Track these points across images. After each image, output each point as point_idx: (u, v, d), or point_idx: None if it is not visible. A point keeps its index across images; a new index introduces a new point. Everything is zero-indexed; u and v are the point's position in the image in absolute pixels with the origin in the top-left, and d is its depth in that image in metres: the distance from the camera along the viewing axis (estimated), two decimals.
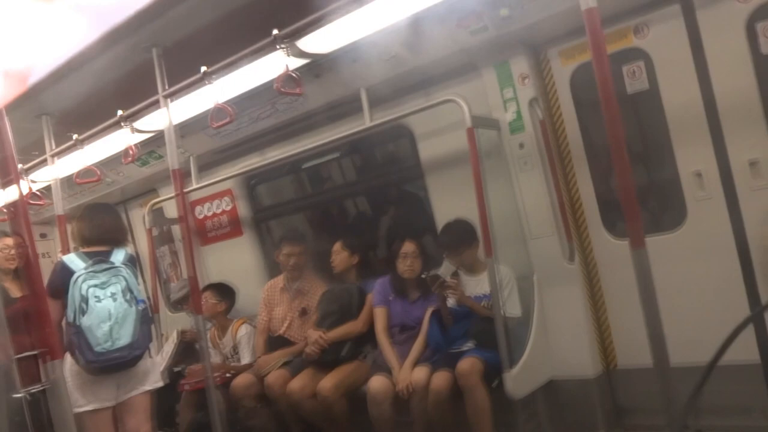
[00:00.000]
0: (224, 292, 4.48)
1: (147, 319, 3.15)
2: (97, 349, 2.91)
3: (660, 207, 3.20)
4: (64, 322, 3.02)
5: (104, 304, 2.97)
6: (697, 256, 2.95)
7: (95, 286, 2.99)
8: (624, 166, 2.26)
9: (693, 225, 2.99)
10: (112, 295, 3.00)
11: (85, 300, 2.95)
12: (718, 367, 2.53)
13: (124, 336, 2.97)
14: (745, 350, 2.64)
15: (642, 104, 3.13)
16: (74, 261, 3.07)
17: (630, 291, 2.33)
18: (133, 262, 3.24)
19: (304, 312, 4.09)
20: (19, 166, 4.49)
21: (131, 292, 3.06)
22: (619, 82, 3.03)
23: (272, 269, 4.63)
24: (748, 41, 2.74)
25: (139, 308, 3.07)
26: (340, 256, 3.95)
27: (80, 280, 2.98)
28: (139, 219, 5.26)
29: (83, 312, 2.94)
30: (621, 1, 2.92)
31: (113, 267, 3.08)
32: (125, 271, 3.09)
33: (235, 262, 4.82)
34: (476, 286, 3.41)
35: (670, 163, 3.02)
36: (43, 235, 6.07)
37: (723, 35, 2.79)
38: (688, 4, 2.87)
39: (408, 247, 3.58)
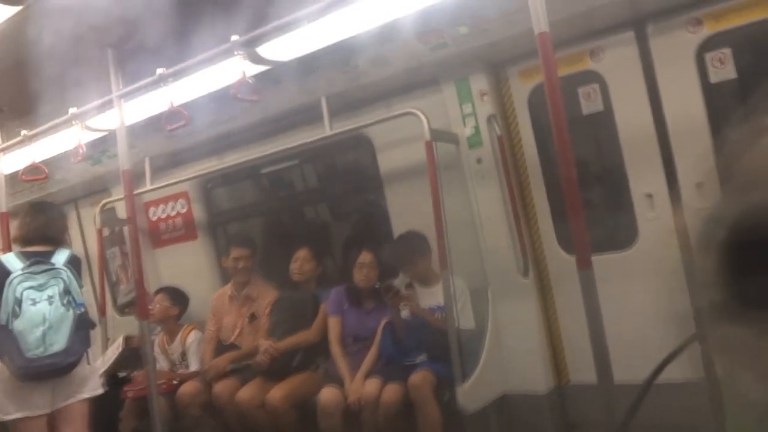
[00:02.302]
0: (177, 296, 4.38)
1: (85, 324, 3.02)
2: (28, 354, 2.79)
3: (612, 226, 3.27)
4: None
5: (39, 307, 2.85)
6: (648, 275, 3.02)
7: (32, 288, 2.87)
8: (573, 188, 2.31)
9: (643, 245, 3.06)
10: (49, 298, 2.88)
11: (18, 303, 2.83)
12: (663, 385, 2.59)
13: (59, 341, 2.84)
14: (691, 368, 2.72)
15: (597, 125, 3.20)
16: (12, 261, 2.95)
17: (582, 307, 2.37)
18: (75, 263, 3.10)
19: (253, 317, 4.03)
20: None
21: (69, 294, 2.94)
22: (575, 102, 3.10)
23: (226, 274, 4.54)
24: (698, 70, 2.84)
25: (77, 312, 2.95)
26: (309, 264, 3.88)
27: (16, 281, 2.86)
28: (89, 218, 5.09)
29: (16, 315, 2.82)
30: (577, 25, 2.98)
31: (53, 268, 2.96)
32: (65, 273, 2.97)
33: (188, 265, 4.72)
34: (430, 297, 3.42)
35: (622, 183, 3.09)
36: None
37: (674, 63, 2.89)
38: (642, 32, 2.96)
39: (365, 257, 3.57)
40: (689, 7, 2.83)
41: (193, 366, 4.11)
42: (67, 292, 2.94)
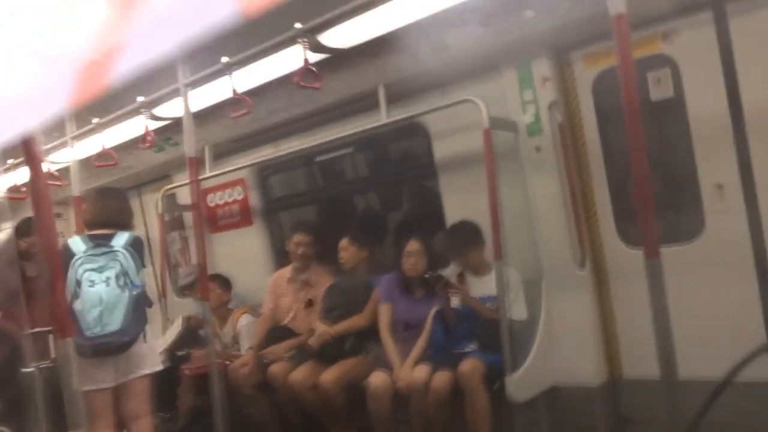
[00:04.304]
0: (226, 283, 4.51)
1: (141, 305, 3.13)
2: (87, 333, 2.94)
3: (677, 217, 3.15)
4: None
5: (96, 288, 2.98)
6: (712, 269, 2.89)
7: (92, 270, 3.01)
8: (643, 177, 2.22)
9: (710, 237, 2.93)
10: (107, 279, 3.01)
11: (78, 284, 2.98)
12: (734, 384, 2.48)
13: (114, 322, 2.97)
14: (759, 368, 2.59)
15: (665, 112, 3.08)
16: (77, 244, 3.10)
17: (640, 301, 2.29)
18: (137, 245, 3.21)
19: (310, 303, 4.08)
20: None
21: (126, 276, 3.06)
22: (643, 88, 2.97)
23: (280, 260, 4.63)
24: None
25: (134, 293, 3.05)
26: (348, 252, 3.93)
27: (78, 263, 3.01)
28: (152, 204, 5.29)
29: (77, 296, 2.96)
30: (650, 6, 2.86)
31: (111, 251, 3.08)
32: (122, 255, 3.08)
33: (243, 251, 4.82)
34: (482, 287, 3.38)
35: (691, 173, 2.96)
36: (58, 215, 6.11)
37: (755, 45, 2.72)
38: (721, 12, 2.80)
39: (413, 245, 3.56)
40: None
41: (245, 349, 4.17)
42: (123, 274, 3.05)
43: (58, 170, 4.98)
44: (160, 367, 3.33)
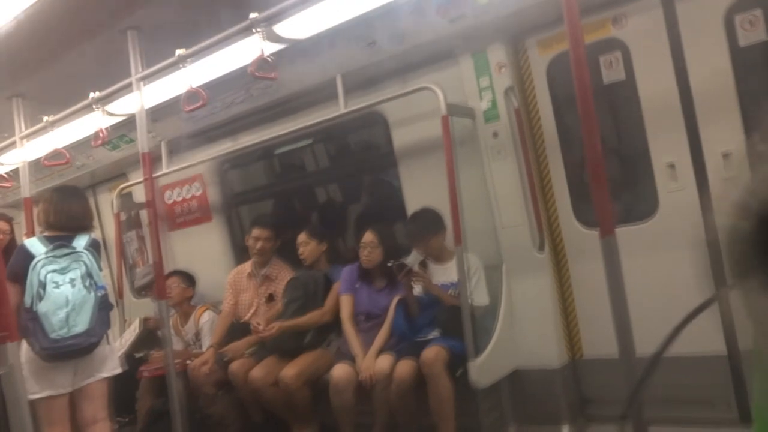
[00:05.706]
0: (189, 278, 4.43)
1: (106, 306, 3.10)
2: (53, 335, 2.86)
3: (631, 198, 3.19)
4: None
5: (62, 290, 2.92)
6: (667, 247, 2.94)
7: (55, 271, 2.94)
8: (596, 154, 2.25)
9: (664, 216, 2.97)
10: (71, 281, 2.96)
11: (42, 285, 2.90)
12: (682, 359, 2.52)
13: (81, 323, 2.92)
14: (712, 342, 2.63)
15: (618, 94, 3.12)
16: (35, 245, 3.01)
17: (598, 281, 2.31)
18: (96, 247, 3.17)
19: (270, 298, 4.02)
20: None
21: (91, 277, 3.02)
22: (595, 72, 3.02)
23: (240, 256, 4.55)
24: (726, 33, 2.74)
25: (98, 294, 3.03)
26: (308, 246, 3.86)
27: (39, 265, 2.93)
28: (107, 203, 5.16)
29: (40, 298, 2.89)
30: None
31: (74, 252, 3.03)
32: (86, 257, 3.04)
33: (203, 247, 4.74)
34: (443, 274, 3.37)
35: (643, 153, 3.00)
36: (10, 219, 5.91)
37: (701, 27, 2.79)
38: None
39: (367, 236, 3.53)
40: None
41: (207, 346, 4.08)
42: (88, 275, 3.01)
43: (7, 172, 4.84)
44: (119, 370, 3.26)
